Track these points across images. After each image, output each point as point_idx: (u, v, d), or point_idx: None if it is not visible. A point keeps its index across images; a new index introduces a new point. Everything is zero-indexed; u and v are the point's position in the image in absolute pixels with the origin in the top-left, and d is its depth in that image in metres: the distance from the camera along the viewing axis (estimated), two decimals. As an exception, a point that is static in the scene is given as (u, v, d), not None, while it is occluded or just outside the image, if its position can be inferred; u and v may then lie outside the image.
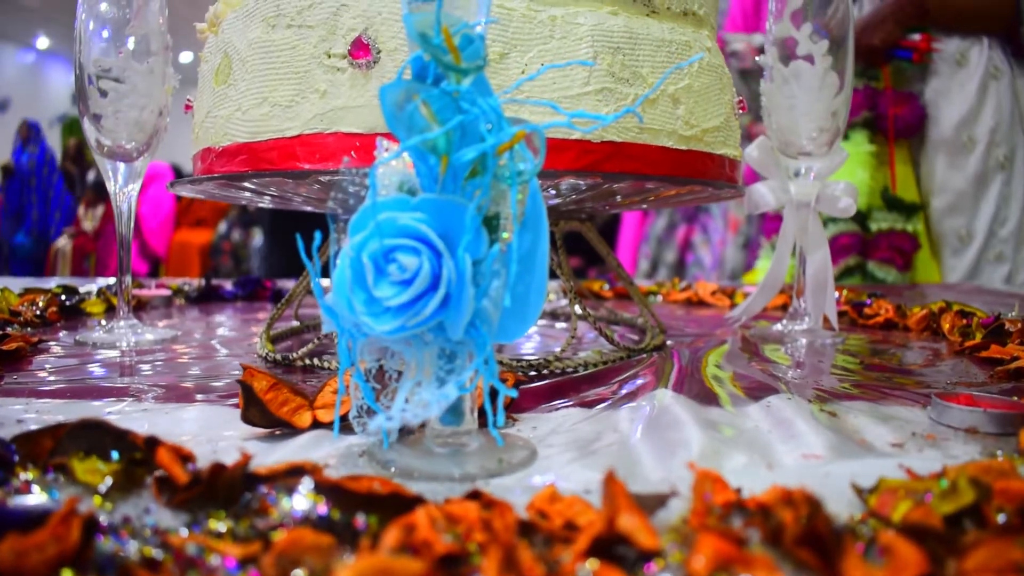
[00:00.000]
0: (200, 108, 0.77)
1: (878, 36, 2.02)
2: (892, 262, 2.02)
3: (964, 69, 2.02)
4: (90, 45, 0.94)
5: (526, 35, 0.66)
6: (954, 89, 2.03)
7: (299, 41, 0.67)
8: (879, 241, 2.04)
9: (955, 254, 2.04)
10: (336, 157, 0.64)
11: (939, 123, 2.03)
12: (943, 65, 2.03)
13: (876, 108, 2.06)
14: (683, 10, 0.76)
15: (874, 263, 2.04)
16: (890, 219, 2.04)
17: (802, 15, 0.99)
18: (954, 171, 2.03)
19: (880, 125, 2.07)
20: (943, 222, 2.05)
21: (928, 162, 2.06)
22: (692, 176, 0.74)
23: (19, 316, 1.05)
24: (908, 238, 2.03)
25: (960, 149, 2.02)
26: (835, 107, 0.99)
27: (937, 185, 2.04)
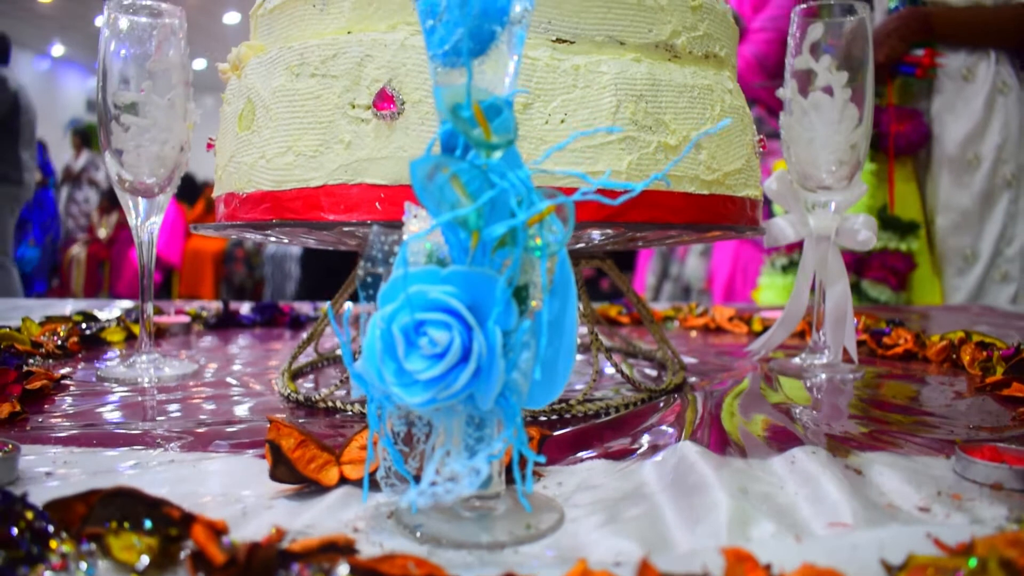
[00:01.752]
0: (223, 150, 0.78)
1: (882, 52, 2.01)
2: (885, 281, 2.01)
3: (971, 84, 2.00)
4: (112, 81, 0.94)
5: (549, 85, 0.66)
6: (959, 105, 2.01)
7: (323, 91, 0.67)
8: (872, 260, 2.02)
9: (959, 273, 2.03)
10: (361, 208, 0.65)
11: (944, 140, 2.02)
12: (948, 81, 2.01)
13: (878, 126, 2.05)
14: (704, 53, 0.76)
15: (867, 282, 2.02)
16: (884, 238, 2.02)
17: (821, 47, 0.99)
18: (959, 189, 2.01)
19: (881, 143, 2.05)
20: (948, 241, 2.03)
21: (933, 180, 2.05)
22: (715, 221, 0.74)
23: (41, 347, 1.06)
24: (902, 257, 2.01)
25: (966, 167, 2.00)
26: (855, 140, 0.99)
27: (942, 203, 2.03)
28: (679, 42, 0.73)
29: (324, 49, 0.68)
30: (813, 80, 0.98)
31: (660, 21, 0.71)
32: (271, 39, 0.76)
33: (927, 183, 2.06)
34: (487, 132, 0.44)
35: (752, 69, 2.49)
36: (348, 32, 0.69)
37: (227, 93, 0.80)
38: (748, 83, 2.57)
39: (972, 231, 2.00)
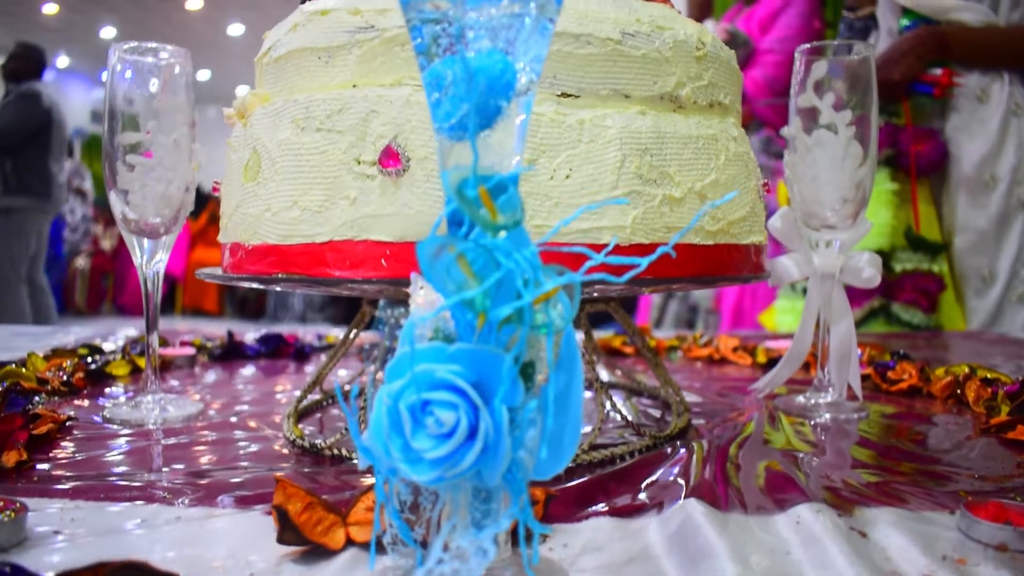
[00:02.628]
0: (229, 198, 0.78)
1: (898, 71, 2.00)
2: (917, 304, 2.00)
3: (985, 106, 1.99)
4: (117, 121, 0.95)
5: (555, 139, 0.66)
6: (975, 126, 2.00)
7: (329, 146, 0.67)
8: (903, 282, 2.01)
9: (978, 295, 2.02)
10: (366, 265, 0.65)
11: (960, 161, 2.01)
12: (964, 101, 2.00)
13: (897, 145, 2.04)
14: (709, 102, 0.76)
15: (899, 305, 2.01)
16: (915, 259, 2.01)
17: (825, 85, 0.99)
18: (976, 210, 2.01)
19: (902, 162, 2.04)
20: (965, 262, 2.02)
21: (949, 200, 2.04)
22: (720, 271, 0.74)
23: (46, 384, 1.06)
24: (933, 279, 2.00)
25: (982, 187, 2.00)
26: (859, 178, 0.99)
27: (959, 224, 2.02)
28: (684, 93, 0.73)
29: (330, 103, 0.68)
30: (817, 118, 0.98)
31: (665, 73, 0.71)
32: (277, 88, 0.76)
33: (944, 204, 2.05)
34: (493, 213, 0.44)
35: (762, 91, 2.50)
36: (353, 85, 0.70)
37: (233, 140, 0.80)
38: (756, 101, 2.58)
39: (989, 252, 1.99)
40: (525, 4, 0.47)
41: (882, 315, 2.02)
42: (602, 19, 0.69)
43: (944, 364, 1.19)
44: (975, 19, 1.95)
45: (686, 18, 0.78)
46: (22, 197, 4.80)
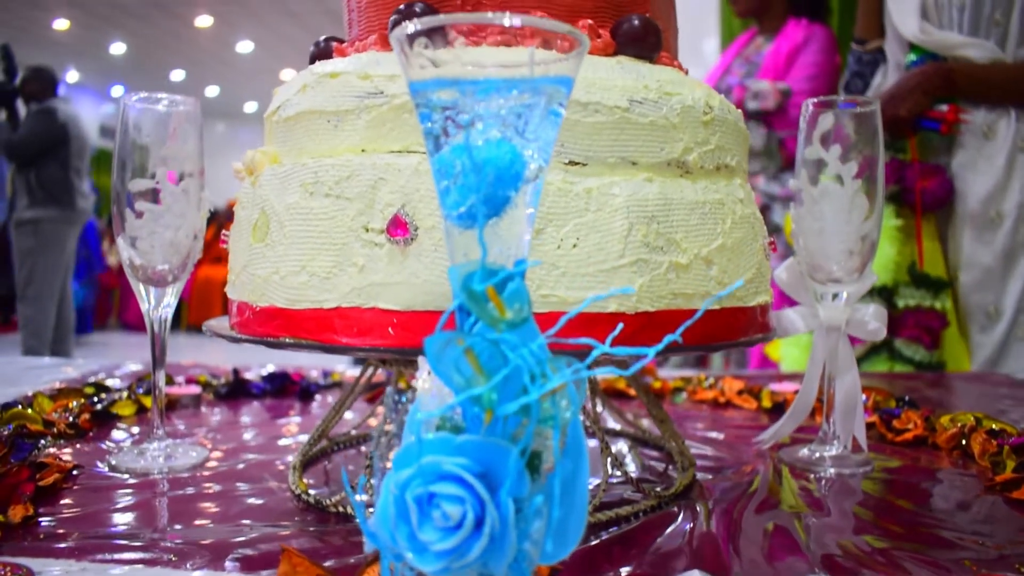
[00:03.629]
0: (237, 255, 0.78)
1: (905, 107, 2.00)
2: (920, 340, 1.99)
3: (991, 142, 1.99)
4: (127, 167, 0.95)
5: (562, 208, 0.66)
6: (981, 162, 2.00)
7: (337, 212, 0.68)
8: (906, 318, 2.01)
9: (983, 331, 2.01)
10: (373, 333, 0.65)
11: (966, 197, 2.00)
12: (970, 137, 2.00)
13: (903, 181, 2.04)
14: (716, 165, 0.76)
15: (901, 341, 2.00)
16: (917, 296, 2.01)
17: (831, 137, 0.99)
18: (981, 246, 2.00)
19: (907, 199, 2.04)
20: (971, 298, 2.01)
21: (955, 236, 2.04)
22: (726, 335, 0.74)
23: (53, 427, 1.06)
24: (936, 316, 2.00)
25: (988, 224, 1.99)
26: (865, 230, 0.99)
27: (964, 260, 2.01)
28: (691, 158, 0.73)
29: (338, 169, 0.69)
30: (823, 170, 0.99)
31: (672, 139, 0.72)
32: (286, 148, 0.77)
33: (950, 239, 2.05)
34: (501, 309, 0.44)
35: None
36: (362, 150, 0.70)
37: (242, 196, 0.81)
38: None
39: (995, 288, 1.98)
40: (535, 94, 0.47)
41: (884, 351, 2.01)
42: (610, 87, 0.70)
43: (950, 409, 1.19)
44: (982, 56, 1.95)
45: (693, 80, 0.79)
46: (50, 208, 4.96)
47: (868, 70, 2.21)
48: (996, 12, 1.96)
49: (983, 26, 1.96)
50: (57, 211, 5.00)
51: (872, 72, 2.20)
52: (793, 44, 2.64)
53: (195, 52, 10.82)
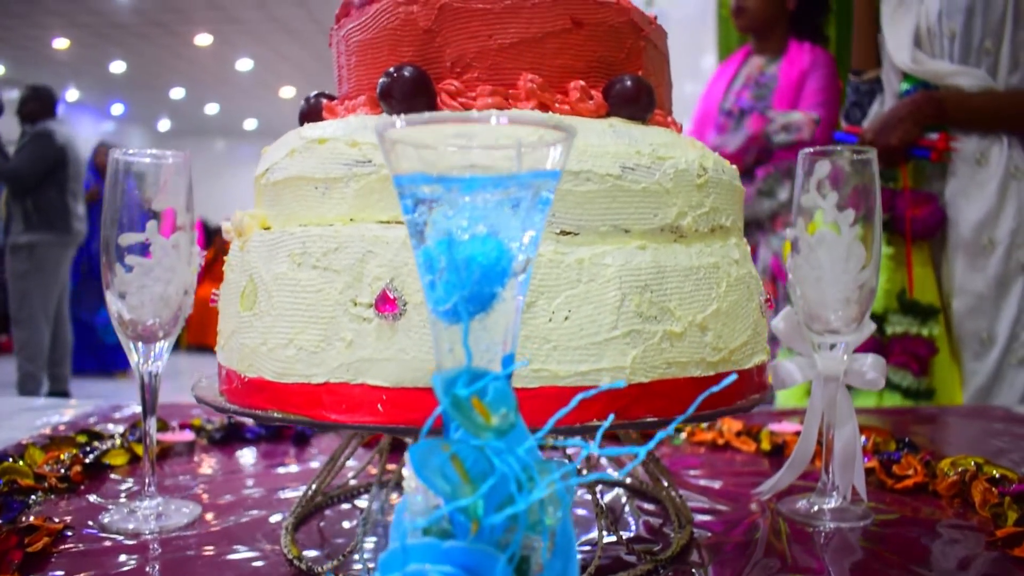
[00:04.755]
0: (226, 322, 0.77)
1: (896, 136, 2.00)
2: (907, 367, 1.99)
3: (984, 169, 1.99)
4: (116, 221, 0.94)
5: (553, 280, 0.65)
6: (973, 189, 1.99)
7: (325, 285, 0.67)
8: (894, 345, 2.00)
9: (976, 357, 2.00)
10: (362, 409, 0.64)
11: (958, 224, 2.00)
12: (962, 165, 2.00)
13: (894, 209, 2.03)
14: (711, 227, 0.76)
15: (890, 367, 1.99)
16: (905, 323, 2.00)
17: (828, 184, 0.98)
18: (974, 273, 2.00)
19: (898, 227, 2.04)
20: (964, 325, 2.01)
21: (948, 263, 2.03)
22: (722, 401, 0.73)
23: (44, 481, 1.05)
24: (924, 343, 1.99)
25: (980, 251, 1.99)
26: (863, 279, 0.98)
27: (957, 287, 2.01)
28: (685, 222, 0.72)
29: (326, 240, 0.68)
30: (820, 218, 0.98)
31: (666, 204, 0.71)
32: (274, 212, 0.76)
33: (942, 267, 2.04)
34: (487, 416, 0.43)
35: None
36: (351, 219, 0.69)
37: (231, 259, 0.80)
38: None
39: (988, 315, 1.97)
40: (522, 187, 0.46)
41: None
42: (602, 154, 0.69)
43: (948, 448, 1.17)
44: (973, 84, 1.95)
45: (686, 140, 0.78)
46: (45, 233, 4.99)
47: (866, 100, 2.21)
48: (986, 41, 1.96)
49: (973, 54, 1.97)
50: (53, 235, 5.03)
51: (870, 102, 2.20)
52: (800, 69, 2.64)
53: (194, 70, 10.85)
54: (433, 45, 0.76)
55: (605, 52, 0.78)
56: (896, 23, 2.06)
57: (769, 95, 2.68)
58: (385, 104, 0.74)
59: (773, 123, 2.56)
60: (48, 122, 5.13)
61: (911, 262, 2.01)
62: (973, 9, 1.94)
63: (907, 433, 1.37)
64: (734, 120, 2.71)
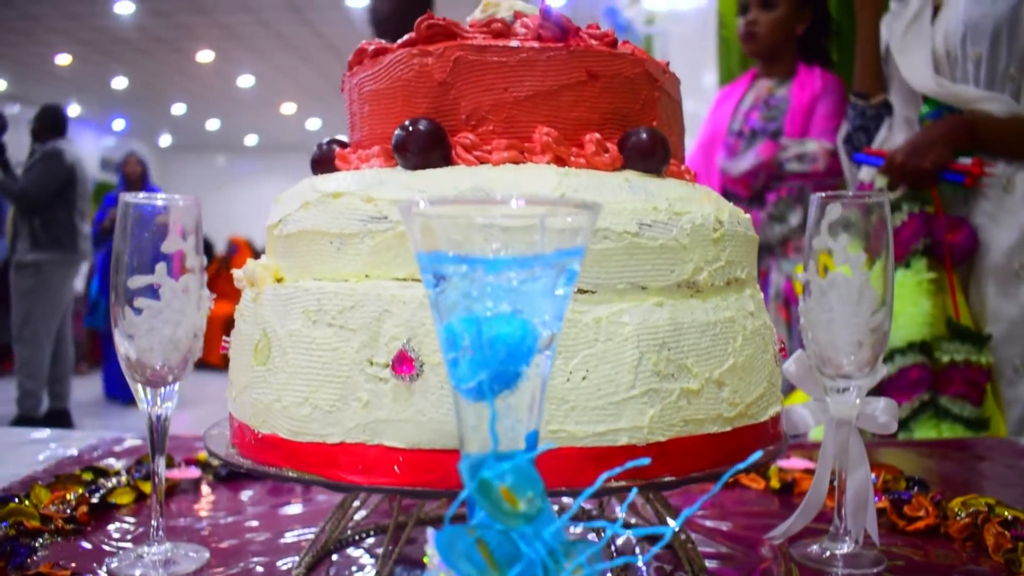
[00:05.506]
0: (238, 375, 0.77)
1: (929, 159, 1.97)
2: (967, 397, 1.92)
3: (1011, 195, 1.96)
4: (126, 264, 0.94)
5: (571, 340, 0.65)
6: (1003, 215, 1.96)
7: (341, 343, 0.66)
8: (952, 374, 1.94)
9: (1011, 385, 1.97)
10: (378, 471, 0.64)
11: (989, 250, 1.97)
12: (991, 190, 1.97)
13: (932, 235, 2.00)
14: (727, 281, 0.75)
15: (947, 398, 1.94)
16: (963, 350, 1.95)
17: (840, 226, 0.98)
18: (1006, 300, 1.96)
19: (937, 251, 2.01)
20: (997, 353, 1.96)
21: (979, 290, 2.00)
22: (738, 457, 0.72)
23: (50, 522, 1.05)
24: (982, 371, 1.94)
25: (1012, 277, 1.95)
26: (875, 323, 0.97)
27: (990, 314, 1.98)
28: (701, 277, 0.72)
29: (342, 298, 0.67)
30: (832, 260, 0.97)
31: (682, 260, 0.71)
32: (287, 264, 0.75)
33: (972, 293, 2.02)
34: (513, 502, 0.43)
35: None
36: (366, 275, 0.69)
37: (243, 308, 0.79)
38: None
39: (1021, 343, 1.95)
40: (547, 266, 0.46)
41: (931, 409, 1.95)
42: (619, 211, 0.68)
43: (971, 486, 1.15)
44: (1000, 109, 1.93)
45: (702, 192, 0.78)
46: (51, 252, 5.02)
47: (873, 124, 2.20)
48: (1011, 67, 1.94)
49: (998, 80, 1.95)
50: (59, 254, 5.05)
51: (877, 126, 2.19)
52: (812, 92, 2.64)
53: (196, 86, 10.87)
54: (448, 97, 0.76)
55: (620, 104, 0.78)
56: (908, 48, 2.05)
57: (780, 117, 2.67)
58: (400, 157, 0.73)
59: (786, 150, 2.56)
60: (58, 141, 5.16)
61: (954, 287, 1.97)
62: (999, 34, 1.92)
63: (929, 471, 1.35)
64: (745, 141, 2.70)
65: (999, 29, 1.92)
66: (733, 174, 2.68)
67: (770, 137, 2.62)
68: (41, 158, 5.02)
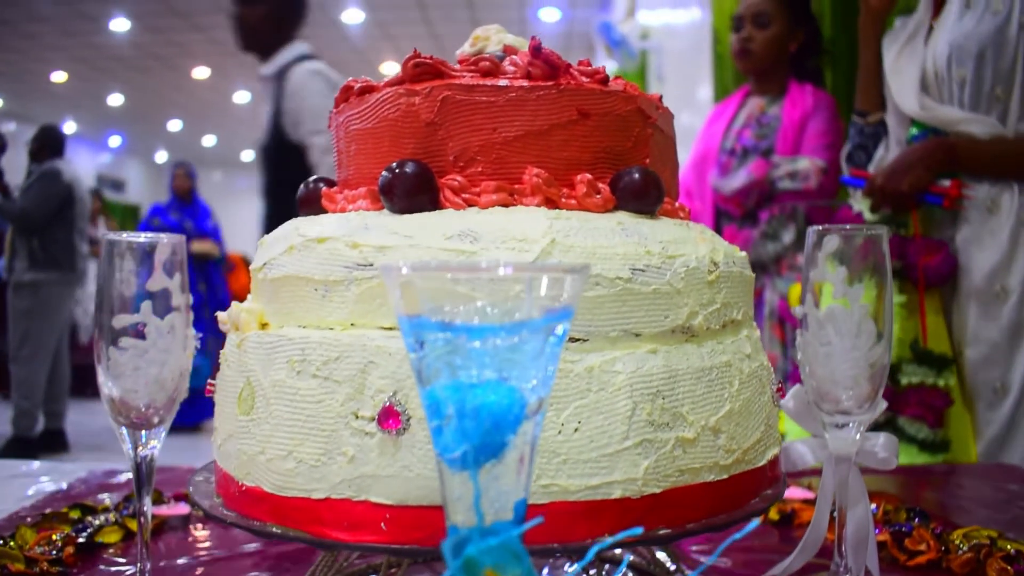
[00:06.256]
0: (222, 422, 0.75)
1: (907, 181, 1.97)
2: (923, 419, 1.94)
3: (995, 216, 1.95)
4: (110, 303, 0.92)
5: (562, 390, 0.63)
6: (985, 237, 1.96)
7: (325, 395, 0.65)
8: (909, 396, 1.96)
9: (990, 408, 1.96)
10: (365, 528, 0.62)
11: (970, 272, 1.97)
12: (974, 212, 1.96)
13: (905, 257, 2.00)
14: (723, 323, 0.73)
15: (904, 419, 1.96)
16: (920, 373, 1.96)
17: (837, 258, 0.96)
18: (987, 322, 1.96)
19: (910, 274, 2.00)
20: (977, 374, 1.97)
21: (960, 312, 2.00)
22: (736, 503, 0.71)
23: (35, 564, 1.02)
24: (940, 394, 1.95)
25: (993, 299, 1.95)
26: (874, 357, 0.95)
27: (970, 336, 1.97)
28: (696, 322, 0.70)
29: (326, 348, 0.66)
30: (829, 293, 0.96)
31: (677, 305, 0.69)
32: (272, 309, 0.74)
33: (954, 315, 2.01)
34: (500, 584, 0.41)
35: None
36: (352, 324, 0.67)
37: (227, 355, 0.77)
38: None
39: (1002, 364, 1.93)
40: (535, 331, 0.44)
41: (888, 429, 1.96)
42: (611, 255, 0.67)
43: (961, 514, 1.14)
44: (983, 131, 1.92)
45: (696, 232, 0.76)
46: (49, 271, 5.01)
47: (871, 143, 2.19)
48: (997, 88, 1.93)
49: (984, 101, 1.94)
50: (58, 274, 5.05)
51: (875, 145, 2.18)
52: (804, 110, 2.63)
53: (192, 102, 10.88)
54: (435, 138, 0.74)
55: (612, 142, 0.76)
56: (900, 69, 2.04)
57: (772, 135, 2.66)
58: (387, 201, 0.72)
59: (778, 168, 2.55)
60: (55, 161, 5.16)
61: (924, 310, 1.97)
62: (984, 55, 1.91)
63: (920, 498, 1.34)
64: (737, 159, 2.70)
65: (984, 50, 1.91)
66: (725, 192, 2.67)
67: (762, 155, 2.62)
68: (39, 178, 5.02)
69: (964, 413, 1.98)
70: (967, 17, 1.94)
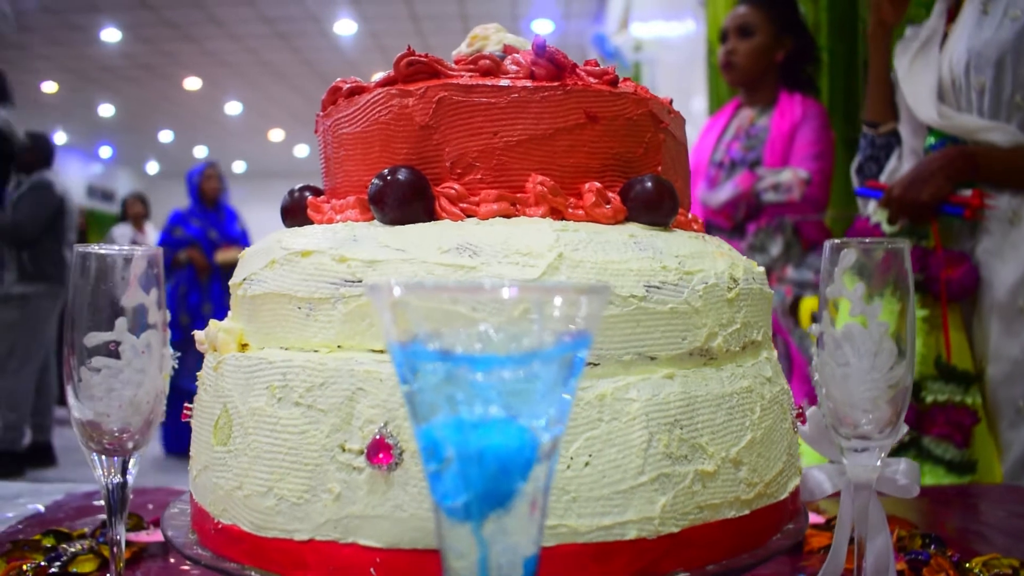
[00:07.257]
0: (198, 451, 0.69)
1: (927, 191, 1.91)
2: (951, 438, 1.87)
3: (1017, 229, 1.89)
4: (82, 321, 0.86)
5: (572, 421, 0.57)
6: (1007, 250, 1.89)
7: (309, 426, 0.59)
8: (935, 415, 1.89)
9: (1013, 427, 1.90)
10: (354, 573, 0.56)
11: (992, 286, 1.90)
12: (995, 223, 1.90)
13: (927, 270, 1.94)
14: (743, 345, 0.68)
15: (930, 439, 1.88)
16: (947, 391, 1.89)
17: (856, 273, 0.90)
18: (1010, 338, 1.89)
19: (931, 288, 1.94)
20: (999, 392, 1.90)
21: (982, 327, 1.93)
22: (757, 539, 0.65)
23: (3, 601, 0.96)
24: (967, 412, 1.88)
25: (1016, 314, 1.88)
26: (894, 378, 0.89)
27: (992, 352, 1.90)
28: (716, 344, 0.65)
29: (310, 373, 0.60)
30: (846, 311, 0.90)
31: (695, 326, 0.63)
32: (252, 328, 0.68)
33: (975, 330, 1.95)
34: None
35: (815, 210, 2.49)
36: (338, 346, 0.61)
37: (203, 378, 0.71)
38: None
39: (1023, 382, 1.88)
40: (547, 362, 0.38)
41: (913, 449, 1.89)
42: (624, 271, 0.61)
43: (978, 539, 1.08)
44: (1005, 139, 1.87)
45: (712, 247, 0.70)
46: (38, 284, 4.96)
47: (882, 153, 2.14)
48: (1017, 95, 1.88)
49: (1003, 109, 1.89)
50: (46, 287, 5.00)
51: (887, 155, 2.12)
52: (792, 120, 2.59)
53: (183, 113, 10.81)
54: (431, 142, 0.68)
55: (622, 148, 0.70)
56: (914, 77, 1.99)
57: (760, 146, 2.62)
58: (377, 210, 0.66)
59: (762, 180, 2.52)
60: (45, 172, 5.09)
61: (947, 325, 1.91)
62: (1003, 62, 1.86)
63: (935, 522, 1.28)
64: (724, 172, 2.66)
65: (1003, 57, 1.86)
66: (713, 205, 2.64)
67: (748, 167, 2.58)
68: (30, 190, 4.95)
69: (987, 434, 1.92)
70: (985, 23, 1.89)
